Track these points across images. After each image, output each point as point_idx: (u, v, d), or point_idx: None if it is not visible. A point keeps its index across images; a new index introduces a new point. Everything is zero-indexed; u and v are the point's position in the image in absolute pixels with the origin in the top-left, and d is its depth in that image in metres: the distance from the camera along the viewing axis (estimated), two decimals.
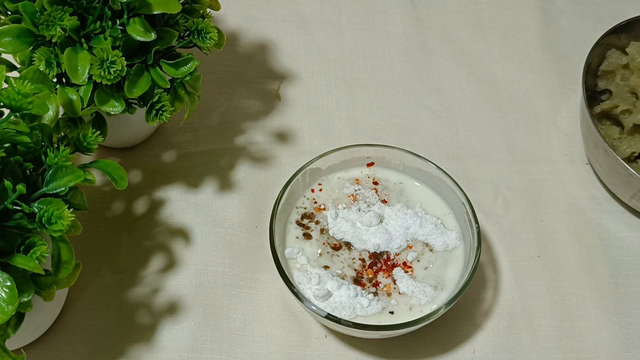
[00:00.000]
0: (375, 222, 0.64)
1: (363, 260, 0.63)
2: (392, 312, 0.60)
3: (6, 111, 0.48)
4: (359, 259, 0.63)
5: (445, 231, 0.65)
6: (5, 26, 0.56)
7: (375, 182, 0.68)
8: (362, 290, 0.61)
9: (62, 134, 0.57)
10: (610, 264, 0.70)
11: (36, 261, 0.47)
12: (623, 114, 0.74)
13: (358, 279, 0.62)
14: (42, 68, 0.55)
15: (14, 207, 0.48)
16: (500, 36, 0.89)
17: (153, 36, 0.58)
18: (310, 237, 0.64)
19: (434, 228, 0.64)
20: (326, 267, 0.62)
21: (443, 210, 0.67)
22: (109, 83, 0.56)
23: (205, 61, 0.80)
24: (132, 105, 0.61)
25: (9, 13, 0.58)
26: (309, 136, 0.78)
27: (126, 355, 0.62)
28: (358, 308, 0.59)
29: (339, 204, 0.66)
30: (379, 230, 0.64)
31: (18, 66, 0.60)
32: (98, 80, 0.56)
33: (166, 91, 0.61)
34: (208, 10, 0.66)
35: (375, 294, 0.61)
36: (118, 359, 0.62)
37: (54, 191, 0.50)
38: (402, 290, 0.61)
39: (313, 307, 0.58)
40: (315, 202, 0.67)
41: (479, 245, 0.61)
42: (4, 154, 0.47)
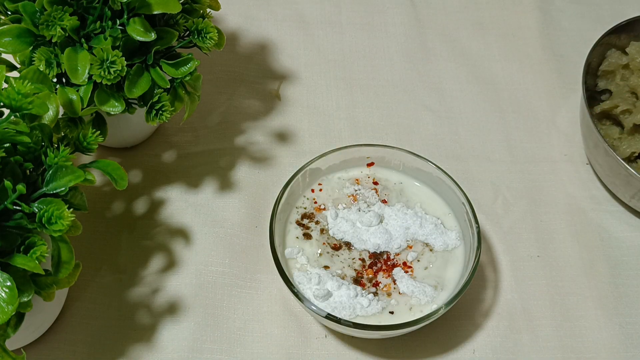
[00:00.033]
0: (375, 222, 0.64)
1: (363, 260, 0.63)
2: (392, 312, 0.60)
3: (6, 111, 0.48)
4: (359, 259, 0.63)
5: (445, 231, 0.65)
6: (5, 26, 0.56)
7: (375, 182, 0.68)
8: (362, 290, 0.61)
9: (62, 134, 0.57)
10: (610, 264, 0.70)
11: (36, 261, 0.47)
12: (623, 114, 0.74)
13: (358, 279, 0.62)
14: (42, 68, 0.55)
15: (14, 207, 0.48)
16: (500, 36, 0.89)
17: (153, 36, 0.58)
18: (310, 237, 0.64)
19: (434, 228, 0.64)
20: (326, 267, 0.62)
21: (443, 210, 0.67)
22: (109, 83, 0.56)
23: (205, 61, 0.80)
24: (132, 105, 0.61)
25: (9, 13, 0.58)
26: (309, 136, 0.78)
27: (126, 355, 0.62)
28: (358, 308, 0.59)
29: (339, 204, 0.66)
30: (379, 230, 0.64)
31: (18, 66, 0.60)
32: (98, 80, 0.56)
33: (166, 91, 0.61)
34: (208, 10, 0.66)
35: (375, 294, 0.61)
36: (118, 359, 0.62)
37: (54, 191, 0.50)
38: (402, 290, 0.61)
39: (313, 307, 0.58)
40: (315, 202, 0.67)
41: (479, 245, 0.61)
42: (4, 154, 0.47)
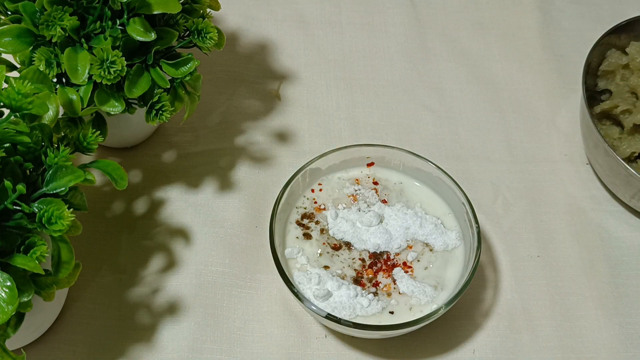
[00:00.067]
0: (375, 222, 0.64)
1: (363, 260, 0.63)
2: (392, 312, 0.60)
3: (6, 111, 0.48)
4: (359, 259, 0.63)
5: (445, 231, 0.65)
6: (5, 26, 0.56)
7: (375, 182, 0.68)
8: (362, 290, 0.61)
9: (62, 134, 0.57)
10: (610, 264, 0.70)
11: (36, 261, 0.47)
12: (623, 114, 0.74)
13: (358, 279, 0.62)
14: (42, 68, 0.55)
15: (14, 207, 0.48)
16: (500, 36, 0.89)
17: (153, 36, 0.58)
18: (310, 237, 0.64)
19: (434, 228, 0.64)
20: (326, 267, 0.62)
21: (443, 210, 0.67)
22: (109, 83, 0.56)
23: (205, 61, 0.80)
24: (132, 105, 0.61)
25: (9, 13, 0.58)
26: (309, 136, 0.78)
27: (126, 355, 0.62)
28: (358, 308, 0.59)
29: (339, 204, 0.66)
30: (379, 230, 0.64)
31: (18, 66, 0.60)
32: (98, 80, 0.56)
33: (166, 91, 0.61)
34: (208, 10, 0.66)
35: (375, 294, 0.61)
36: (118, 359, 0.62)
37: (54, 191, 0.50)
38: (402, 290, 0.61)
39: (313, 307, 0.58)
40: (315, 202, 0.67)
41: (479, 245, 0.61)
42: (4, 154, 0.47)
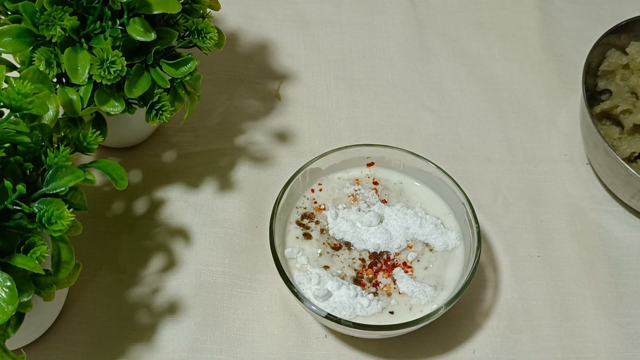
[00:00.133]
0: (375, 222, 0.64)
1: (363, 260, 0.63)
2: (392, 312, 0.60)
3: (6, 111, 0.48)
4: (359, 259, 0.63)
5: (445, 231, 0.65)
6: (5, 26, 0.56)
7: (375, 182, 0.68)
8: (362, 290, 0.61)
9: (62, 134, 0.57)
10: (610, 264, 0.70)
11: (36, 261, 0.47)
12: (623, 114, 0.74)
13: (358, 279, 0.62)
14: (42, 68, 0.55)
15: (14, 207, 0.48)
16: (500, 36, 0.89)
17: (153, 36, 0.58)
18: (310, 237, 0.64)
19: (434, 228, 0.64)
20: (326, 267, 0.62)
21: (443, 210, 0.67)
22: (109, 83, 0.56)
23: (205, 61, 0.80)
24: (132, 105, 0.61)
25: (9, 13, 0.58)
26: (309, 136, 0.78)
27: (126, 355, 0.62)
28: (358, 308, 0.59)
29: (339, 204, 0.66)
30: (379, 230, 0.64)
31: (18, 66, 0.60)
32: (98, 80, 0.56)
33: (166, 91, 0.61)
34: (208, 10, 0.66)
35: (375, 294, 0.61)
36: (118, 359, 0.62)
37: (54, 191, 0.50)
38: (402, 290, 0.61)
39: (313, 307, 0.58)
40: (315, 202, 0.67)
41: (479, 245, 0.61)
42: (4, 154, 0.47)
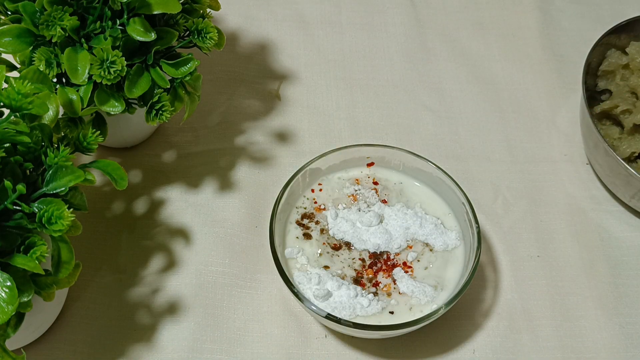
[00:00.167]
0: (375, 222, 0.64)
1: (363, 260, 0.63)
2: (392, 312, 0.60)
3: (6, 111, 0.48)
4: (359, 259, 0.63)
5: (445, 231, 0.65)
6: (5, 26, 0.56)
7: (375, 182, 0.68)
8: (362, 290, 0.61)
9: (62, 134, 0.57)
10: (610, 264, 0.70)
11: (36, 261, 0.47)
12: (623, 114, 0.74)
13: (358, 279, 0.62)
14: (42, 68, 0.55)
15: (14, 207, 0.48)
16: (500, 36, 0.89)
17: (153, 36, 0.58)
18: (310, 237, 0.64)
19: (434, 228, 0.64)
20: (326, 267, 0.62)
21: (443, 210, 0.67)
22: (109, 83, 0.56)
23: (205, 61, 0.80)
24: (132, 105, 0.61)
25: (9, 13, 0.58)
26: (309, 136, 0.78)
27: (126, 355, 0.62)
28: (358, 308, 0.59)
29: (339, 204, 0.66)
30: (379, 230, 0.64)
31: (18, 66, 0.60)
32: (98, 80, 0.56)
33: (166, 91, 0.61)
34: (208, 10, 0.66)
35: (375, 294, 0.61)
36: (118, 359, 0.62)
37: (54, 191, 0.50)
38: (402, 290, 0.61)
39: (313, 307, 0.58)
40: (315, 202, 0.67)
41: (479, 245, 0.61)
42: (4, 154, 0.47)
